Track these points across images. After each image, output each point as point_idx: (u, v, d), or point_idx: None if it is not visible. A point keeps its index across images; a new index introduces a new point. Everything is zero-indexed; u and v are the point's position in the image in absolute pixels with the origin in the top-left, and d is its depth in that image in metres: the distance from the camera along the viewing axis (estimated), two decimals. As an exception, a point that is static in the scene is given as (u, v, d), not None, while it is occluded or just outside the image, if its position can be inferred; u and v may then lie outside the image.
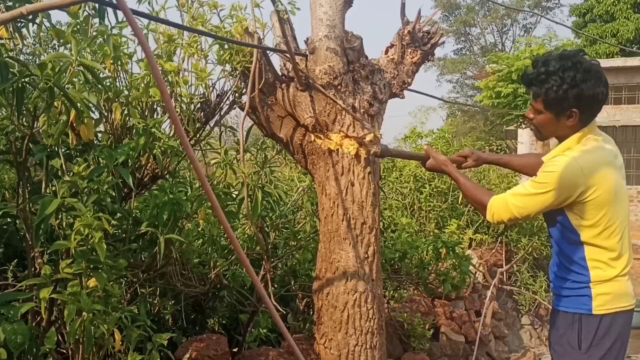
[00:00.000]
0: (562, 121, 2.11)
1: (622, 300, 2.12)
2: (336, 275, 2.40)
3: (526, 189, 2.13)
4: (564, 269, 2.18)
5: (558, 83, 2.05)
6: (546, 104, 2.11)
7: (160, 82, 1.09)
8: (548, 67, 2.08)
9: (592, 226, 2.06)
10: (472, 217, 6.24)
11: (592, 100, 2.07)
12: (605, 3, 23.45)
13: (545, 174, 2.08)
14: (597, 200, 2.03)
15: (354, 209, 2.38)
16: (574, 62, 2.05)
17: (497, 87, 9.32)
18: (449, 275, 3.55)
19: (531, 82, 2.14)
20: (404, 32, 2.50)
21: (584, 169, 2.02)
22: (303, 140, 2.48)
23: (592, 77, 2.05)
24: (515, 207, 2.14)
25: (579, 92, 2.05)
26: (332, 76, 2.33)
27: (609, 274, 2.09)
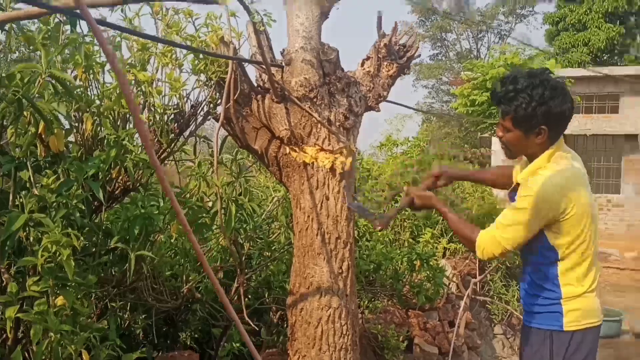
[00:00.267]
0: (530, 138, 2.14)
1: (591, 316, 2.16)
2: (310, 291, 2.37)
3: (511, 219, 2.12)
4: (536, 287, 2.20)
5: (527, 100, 2.08)
6: (515, 121, 2.13)
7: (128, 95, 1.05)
8: (516, 85, 2.10)
9: (570, 243, 2.09)
10: (446, 226, 6.27)
11: (559, 117, 2.10)
12: (577, 12, 23.90)
13: (525, 198, 2.08)
14: (575, 217, 2.06)
15: (329, 223, 2.36)
16: (541, 80, 2.09)
17: (471, 95, 9.41)
18: (423, 287, 3.56)
19: (500, 100, 2.17)
20: (380, 45, 2.49)
21: (563, 187, 2.05)
22: (278, 153, 2.45)
23: (559, 95, 2.09)
24: (505, 240, 2.12)
25: (547, 110, 2.08)
26: (308, 88, 2.30)
27: (579, 290, 2.13)
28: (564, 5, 24.73)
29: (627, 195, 14.38)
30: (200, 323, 3.15)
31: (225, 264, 3.04)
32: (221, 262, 3.10)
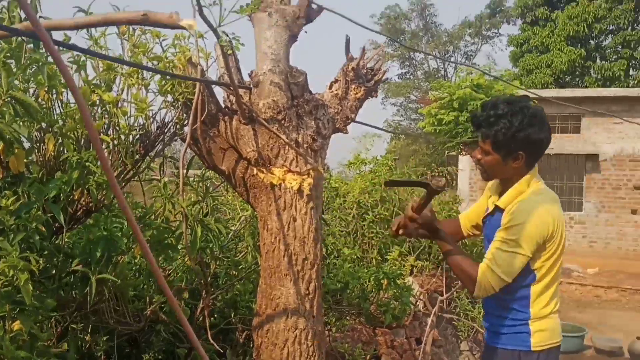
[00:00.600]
0: (508, 163, 2.21)
1: (555, 335, 2.23)
2: (276, 312, 2.36)
3: (504, 251, 2.13)
4: (504, 308, 2.24)
5: (507, 126, 2.16)
6: (494, 145, 2.20)
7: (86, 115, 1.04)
8: (497, 111, 2.18)
9: (549, 266, 2.16)
10: (413, 244, 6.31)
11: (537, 144, 2.19)
12: (540, 35, 24.60)
13: (515, 228, 2.12)
14: (557, 240, 2.13)
15: (296, 244, 2.36)
16: (521, 107, 2.17)
17: (439, 114, 9.56)
18: (390, 305, 3.57)
19: (480, 124, 2.24)
20: (348, 68, 2.52)
21: (550, 212, 2.11)
22: (245, 174, 2.44)
23: (537, 122, 2.17)
24: (506, 274, 2.13)
25: (526, 136, 2.16)
26: (276, 110, 2.31)
27: (546, 311, 2.19)
28: (527, 28, 25.44)
29: (588, 212, 14.74)
30: (165, 344, 3.10)
31: (190, 284, 3.00)
32: (186, 283, 3.07)
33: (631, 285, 11.72)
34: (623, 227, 14.19)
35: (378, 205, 5.95)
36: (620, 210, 14.23)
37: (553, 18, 24.55)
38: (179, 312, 1.33)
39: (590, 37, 24.53)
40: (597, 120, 14.39)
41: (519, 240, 2.09)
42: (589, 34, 24.12)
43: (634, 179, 14.15)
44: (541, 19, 24.93)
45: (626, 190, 14.17)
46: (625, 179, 14.15)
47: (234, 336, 3.49)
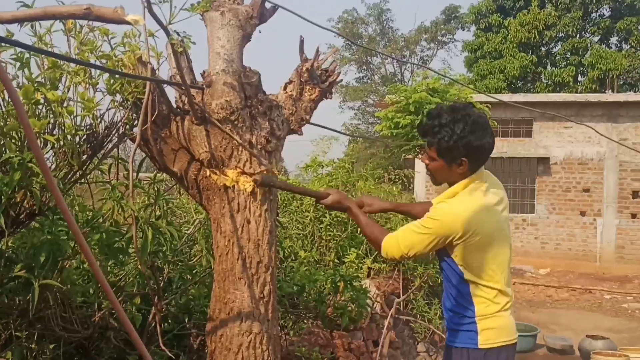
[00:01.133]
0: (453, 168, 2.29)
1: (505, 334, 2.27)
2: (230, 316, 2.32)
3: (413, 230, 2.28)
4: (455, 304, 2.30)
5: (449, 134, 2.23)
6: (439, 152, 2.28)
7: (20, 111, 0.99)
8: (440, 120, 2.25)
9: (474, 266, 2.22)
10: (370, 246, 6.34)
11: (479, 150, 2.25)
12: (494, 41, 25.15)
13: (429, 219, 2.26)
14: (476, 244, 2.20)
15: (250, 247, 2.32)
16: (463, 115, 2.23)
17: (395, 118, 9.65)
18: (347, 308, 3.56)
19: (426, 132, 2.33)
20: (302, 69, 2.50)
21: (460, 217, 2.17)
22: (198, 175, 2.39)
23: (479, 129, 2.24)
24: (405, 247, 2.28)
25: (468, 143, 2.23)
26: (229, 111, 2.27)
27: (492, 309, 2.24)
28: (481, 35, 25.97)
29: (540, 214, 15.12)
30: (115, 351, 3.00)
31: (143, 289, 2.93)
32: (138, 287, 2.99)
33: (580, 285, 12.08)
34: (573, 229, 14.61)
35: (335, 207, 5.94)
36: (570, 212, 14.64)
37: (506, 25, 25.13)
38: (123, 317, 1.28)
39: (541, 43, 25.22)
40: (548, 125, 14.79)
41: (424, 228, 2.24)
42: (539, 41, 24.79)
43: (582, 181, 14.59)
44: (494, 25, 25.49)
45: (575, 193, 14.60)
46: (574, 181, 14.58)
47: (189, 342, 3.42)
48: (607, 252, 14.19)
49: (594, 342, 6.50)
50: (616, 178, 14.34)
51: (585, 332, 7.49)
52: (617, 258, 14.05)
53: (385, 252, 2.36)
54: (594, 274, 13.22)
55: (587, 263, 14.19)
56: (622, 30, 24.27)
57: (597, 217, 14.41)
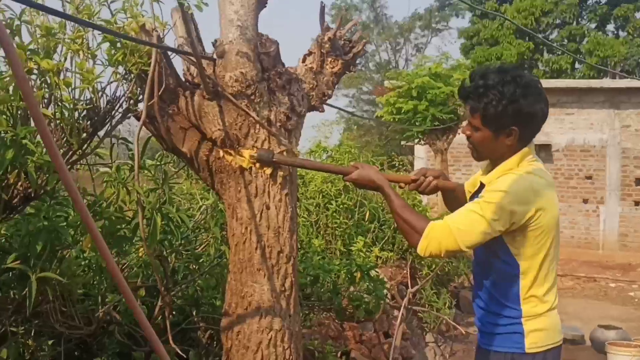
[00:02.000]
0: (500, 139, 1.97)
1: (553, 335, 1.99)
2: (249, 312, 2.10)
3: (472, 211, 1.89)
4: (496, 303, 2.00)
5: (497, 97, 1.90)
6: (484, 119, 1.95)
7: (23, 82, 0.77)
8: (487, 81, 1.93)
9: (533, 256, 1.91)
10: (377, 234, 6.14)
11: (531, 117, 1.94)
12: (490, 28, 24.87)
13: (492, 193, 1.88)
14: (543, 226, 1.90)
15: (270, 235, 2.10)
16: (513, 77, 1.92)
17: (397, 103, 9.41)
18: (363, 300, 3.35)
19: (468, 95, 1.99)
20: (323, 39, 2.27)
21: (535, 191, 1.88)
22: (210, 156, 2.17)
23: (532, 93, 1.93)
24: (461, 234, 1.86)
25: (518, 108, 1.90)
26: (245, 84, 2.04)
27: (540, 308, 1.95)
28: (477, 21, 25.70)
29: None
30: (119, 346, 2.79)
31: (147, 281, 2.71)
32: (143, 278, 2.77)
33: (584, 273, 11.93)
34: (575, 216, 14.43)
35: (341, 194, 5.74)
36: (572, 199, 14.46)
37: (502, 11, 24.85)
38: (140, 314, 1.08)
39: (538, 30, 24.96)
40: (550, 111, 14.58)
41: (490, 205, 1.84)
42: (536, 28, 24.54)
43: (584, 168, 14.41)
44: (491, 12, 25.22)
45: (577, 180, 14.40)
46: (576, 168, 14.38)
47: (196, 335, 3.21)
48: (610, 240, 14.03)
49: (606, 332, 6.32)
50: (619, 165, 14.17)
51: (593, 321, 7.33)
52: (620, 246, 13.90)
53: (426, 245, 1.90)
54: (597, 262, 13.06)
55: (590, 251, 14.02)
56: (620, 17, 24.04)
57: (599, 204, 14.24)
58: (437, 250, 1.91)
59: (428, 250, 1.91)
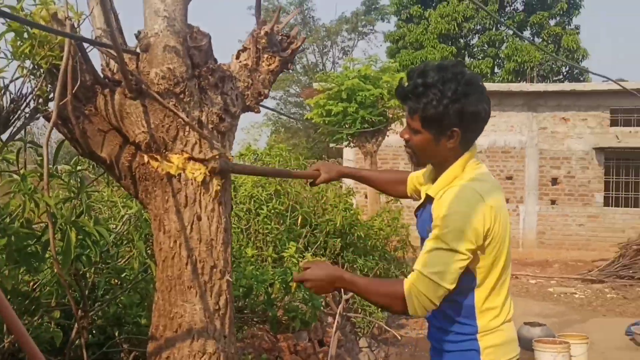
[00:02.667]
0: (441, 142, 1.82)
1: (510, 350, 1.87)
2: (179, 334, 1.89)
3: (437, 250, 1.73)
4: (449, 320, 1.86)
5: (438, 97, 1.75)
6: (424, 121, 1.80)
7: None
8: (426, 79, 1.77)
9: (490, 265, 1.79)
10: (309, 239, 6.00)
11: (474, 117, 1.79)
12: (415, 32, 25.41)
13: (444, 220, 1.73)
14: (497, 233, 1.78)
15: (202, 249, 1.90)
16: (454, 74, 1.76)
17: (327, 106, 9.33)
18: (299, 310, 3.19)
19: (407, 95, 1.83)
20: (259, 34, 2.09)
21: (484, 200, 1.75)
22: (133, 162, 1.94)
23: (474, 91, 1.78)
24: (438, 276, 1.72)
25: (460, 108, 1.76)
26: (173, 82, 1.83)
27: (496, 321, 1.81)
28: (403, 25, 26.19)
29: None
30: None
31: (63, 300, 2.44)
32: (57, 298, 2.49)
33: (506, 271, 12.28)
34: (497, 216, 14.91)
35: (273, 198, 5.55)
36: (493, 199, 14.93)
37: (426, 16, 25.45)
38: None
39: (460, 35, 25.74)
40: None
41: (448, 234, 1.71)
42: (459, 33, 25.29)
43: (505, 169, 14.91)
44: (415, 16, 25.77)
45: (499, 181, 14.82)
46: (498, 169, 14.85)
47: (119, 358, 2.94)
48: (529, 237, 14.58)
49: (532, 329, 6.46)
50: (537, 166, 14.76)
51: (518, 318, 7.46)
52: (538, 243, 14.47)
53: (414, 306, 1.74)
54: (518, 260, 13.51)
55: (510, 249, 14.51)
56: (535, 24, 25.16)
57: (519, 204, 14.77)
58: (428, 303, 1.74)
59: (420, 308, 1.75)
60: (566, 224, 14.51)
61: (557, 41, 24.66)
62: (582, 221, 14.52)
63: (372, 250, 7.05)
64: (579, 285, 10.56)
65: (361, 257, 6.46)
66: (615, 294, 9.74)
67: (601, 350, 6.39)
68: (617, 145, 14.35)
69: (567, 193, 14.68)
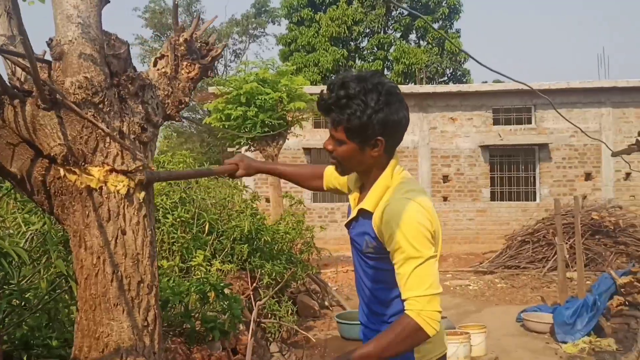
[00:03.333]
0: (366, 151, 1.87)
1: (440, 345, 1.96)
2: (105, 355, 1.81)
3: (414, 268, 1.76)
4: (382, 323, 1.93)
5: (361, 108, 1.79)
6: (348, 132, 1.84)
7: None
8: (348, 90, 1.80)
9: None
10: (216, 246, 5.91)
11: (396, 126, 1.85)
12: (306, 35, 25.75)
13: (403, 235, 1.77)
14: (438, 233, 1.86)
15: (127, 264, 1.83)
16: (375, 84, 1.81)
17: (226, 110, 9.23)
18: (217, 321, 3.15)
19: (330, 107, 1.85)
20: (178, 41, 2.04)
21: (424, 205, 1.82)
22: (47, 176, 1.83)
23: (395, 101, 1.84)
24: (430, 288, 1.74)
25: (384, 117, 1.81)
26: (91, 91, 1.76)
27: None
28: (294, 28, 26.45)
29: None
30: None
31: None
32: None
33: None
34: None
35: (178, 207, 5.42)
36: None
37: (317, 19, 25.88)
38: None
39: (350, 38, 26.41)
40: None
41: (413, 248, 1.75)
42: (349, 36, 25.94)
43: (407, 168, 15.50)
44: (306, 19, 26.12)
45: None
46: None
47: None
48: (423, 233, 15.22)
49: (434, 321, 6.79)
50: (429, 164, 15.46)
51: (418, 311, 7.83)
52: (432, 238, 15.15)
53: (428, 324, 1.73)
54: (413, 255, 14.06)
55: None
56: (420, 28, 26.35)
57: (413, 201, 15.39)
58: (437, 314, 1.76)
59: (434, 324, 1.75)
60: (457, 219, 15.33)
61: (441, 44, 25.99)
62: (471, 216, 15.40)
63: (279, 254, 7.07)
64: (472, 277, 11.19)
65: (269, 262, 6.46)
66: (504, 284, 10.43)
67: (497, 338, 6.81)
68: (500, 143, 15.37)
69: (457, 189, 15.51)
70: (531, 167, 15.73)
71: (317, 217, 15.14)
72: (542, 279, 10.36)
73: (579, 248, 7.53)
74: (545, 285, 10.07)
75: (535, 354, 6.28)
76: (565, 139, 15.45)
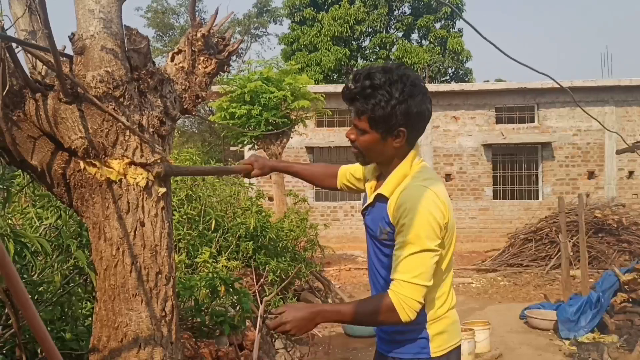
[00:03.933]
0: (388, 141, 1.89)
1: (455, 336, 1.98)
2: (125, 344, 1.84)
3: (410, 254, 1.78)
4: None
5: (386, 98, 1.83)
6: (372, 122, 1.86)
7: None
8: (373, 81, 1.84)
9: (444, 256, 1.90)
10: (221, 243, 5.94)
11: (419, 117, 1.88)
12: (309, 34, 25.80)
13: (411, 222, 1.79)
14: (451, 227, 1.88)
15: (146, 255, 1.86)
16: (400, 76, 1.85)
17: (230, 108, 9.26)
18: (227, 315, 3.18)
19: (354, 97, 1.88)
20: (195, 36, 2.07)
21: (440, 194, 1.85)
22: (67, 169, 1.86)
23: (419, 92, 1.87)
24: (419, 277, 1.77)
25: (407, 108, 1.84)
26: (112, 85, 1.79)
27: (442, 310, 1.92)
28: (296, 28, 26.50)
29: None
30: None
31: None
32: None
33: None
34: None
35: (184, 204, 5.45)
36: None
37: (319, 19, 25.92)
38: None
39: (353, 38, 26.44)
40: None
41: (418, 236, 1.77)
42: (351, 35, 25.97)
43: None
44: (308, 19, 26.16)
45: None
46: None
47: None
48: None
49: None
50: (432, 163, 15.49)
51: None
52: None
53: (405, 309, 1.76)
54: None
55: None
56: (422, 27, 26.39)
57: (416, 200, 15.42)
58: (417, 304, 1.78)
59: (410, 312, 1.78)
60: (460, 218, 15.35)
61: (443, 43, 26.02)
62: (474, 214, 15.43)
63: (283, 251, 7.10)
64: (475, 275, 11.21)
65: (273, 259, 6.49)
66: (507, 282, 10.45)
67: (500, 334, 6.84)
68: (503, 142, 15.39)
69: (460, 188, 15.54)
70: (534, 165, 15.76)
71: (320, 215, 15.18)
72: (545, 277, 10.39)
73: (583, 245, 7.55)
74: (547, 283, 10.10)
75: (538, 350, 6.31)
76: (568, 137, 15.48)
